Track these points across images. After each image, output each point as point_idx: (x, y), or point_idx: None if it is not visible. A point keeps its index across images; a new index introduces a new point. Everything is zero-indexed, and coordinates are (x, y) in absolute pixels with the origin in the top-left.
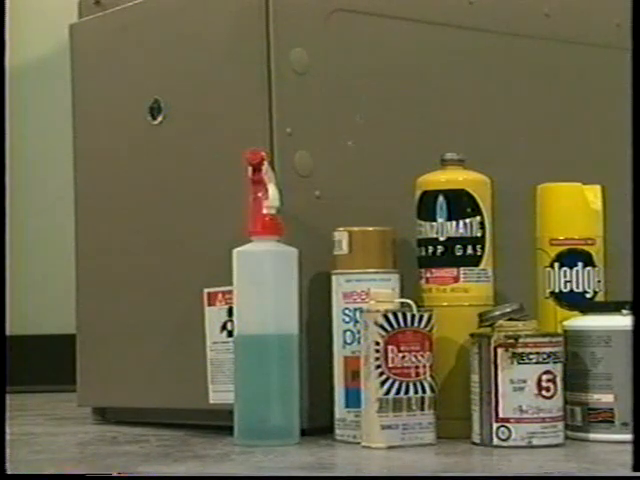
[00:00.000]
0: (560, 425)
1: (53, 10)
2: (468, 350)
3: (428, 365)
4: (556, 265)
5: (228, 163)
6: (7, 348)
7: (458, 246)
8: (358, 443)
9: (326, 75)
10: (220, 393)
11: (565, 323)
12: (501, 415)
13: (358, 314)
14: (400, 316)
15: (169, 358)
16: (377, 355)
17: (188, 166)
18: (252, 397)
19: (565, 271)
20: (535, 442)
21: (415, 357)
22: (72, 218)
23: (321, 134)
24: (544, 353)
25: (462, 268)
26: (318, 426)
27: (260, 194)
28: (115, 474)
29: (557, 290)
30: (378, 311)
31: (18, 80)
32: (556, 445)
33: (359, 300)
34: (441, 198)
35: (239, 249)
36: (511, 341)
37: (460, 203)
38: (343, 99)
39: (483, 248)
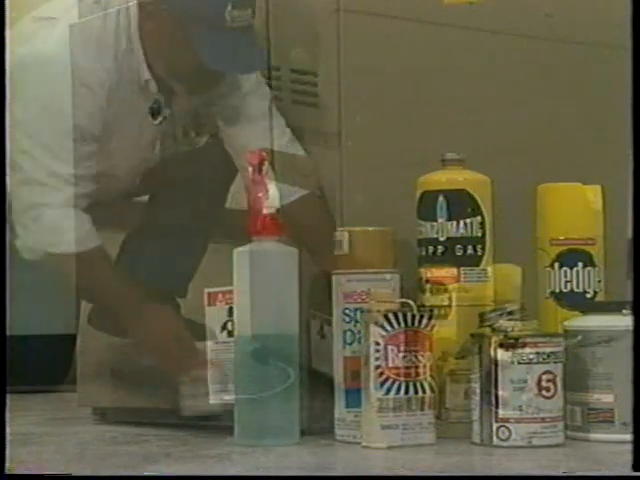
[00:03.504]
0: (560, 425)
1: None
2: (468, 350)
3: (428, 365)
4: (556, 265)
5: (229, 163)
6: (7, 348)
7: (458, 246)
8: (358, 443)
9: (326, 75)
10: (220, 393)
11: (565, 323)
12: (501, 415)
13: (358, 314)
14: (400, 316)
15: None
16: (377, 355)
17: (189, 166)
18: (252, 397)
19: (565, 271)
20: (535, 442)
21: (415, 357)
22: None
23: (321, 134)
24: (544, 353)
25: (462, 268)
26: (318, 426)
27: (260, 194)
28: (115, 474)
29: (557, 290)
30: (378, 311)
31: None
32: (556, 445)
33: (359, 300)
34: (441, 198)
35: (239, 249)
36: (511, 341)
37: (460, 203)
38: (343, 99)
39: (483, 248)
